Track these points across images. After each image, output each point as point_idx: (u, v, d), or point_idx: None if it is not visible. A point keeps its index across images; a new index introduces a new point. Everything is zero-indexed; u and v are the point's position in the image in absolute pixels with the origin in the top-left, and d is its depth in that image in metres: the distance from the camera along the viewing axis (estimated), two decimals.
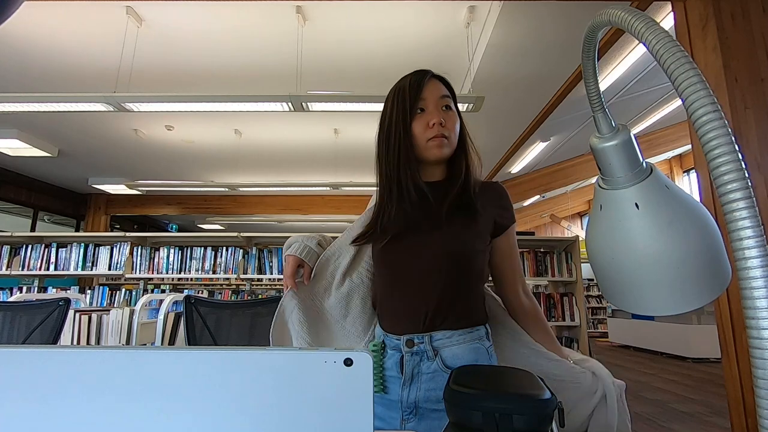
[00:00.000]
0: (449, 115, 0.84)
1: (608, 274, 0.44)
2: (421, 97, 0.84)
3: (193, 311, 1.63)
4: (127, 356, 0.27)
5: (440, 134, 0.82)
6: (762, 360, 0.25)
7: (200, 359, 0.28)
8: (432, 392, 0.76)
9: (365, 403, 0.27)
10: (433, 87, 0.85)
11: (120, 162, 6.36)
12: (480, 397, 0.46)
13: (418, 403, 0.77)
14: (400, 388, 0.78)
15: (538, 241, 3.48)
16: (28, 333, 1.69)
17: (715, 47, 2.11)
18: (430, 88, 0.84)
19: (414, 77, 0.86)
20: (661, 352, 7.02)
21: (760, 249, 0.25)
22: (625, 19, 0.32)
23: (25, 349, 0.28)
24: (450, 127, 0.84)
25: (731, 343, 1.99)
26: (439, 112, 0.83)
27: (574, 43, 3.10)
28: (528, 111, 4.34)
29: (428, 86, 0.84)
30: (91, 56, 3.57)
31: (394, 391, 0.79)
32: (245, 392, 0.27)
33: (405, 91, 0.84)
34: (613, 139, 0.41)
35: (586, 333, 3.16)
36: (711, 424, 3.42)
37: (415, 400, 0.77)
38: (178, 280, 5.51)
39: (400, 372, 0.79)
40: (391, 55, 3.61)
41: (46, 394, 0.26)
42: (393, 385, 0.79)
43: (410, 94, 0.84)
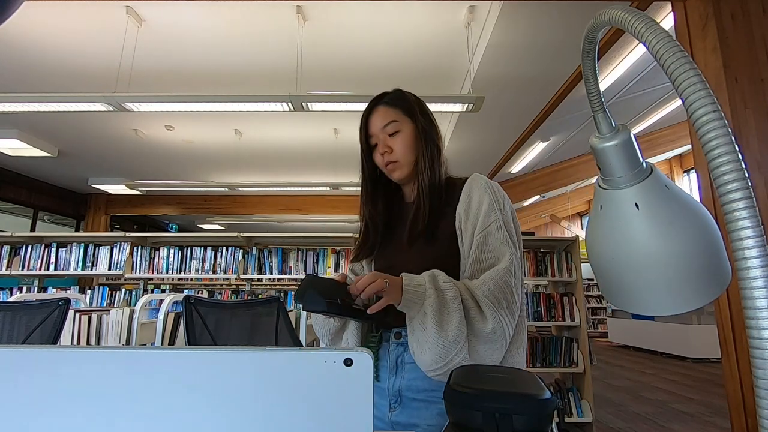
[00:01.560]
0: (395, 140, 0.90)
1: (608, 274, 0.44)
2: (370, 134, 0.92)
3: (193, 311, 1.63)
4: (127, 356, 0.27)
5: (388, 162, 0.90)
6: (762, 360, 0.25)
7: (200, 359, 0.28)
8: (413, 381, 0.80)
9: (365, 403, 0.27)
10: (377, 118, 0.91)
11: (120, 162, 6.36)
12: (480, 397, 0.46)
13: (401, 392, 0.81)
14: (387, 375, 0.84)
15: (538, 241, 3.48)
16: (28, 333, 1.69)
17: (715, 47, 2.11)
18: (374, 121, 0.91)
19: (363, 114, 0.93)
20: (661, 352, 7.02)
21: (760, 249, 0.25)
22: (625, 19, 0.32)
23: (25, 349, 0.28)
24: (398, 150, 0.89)
25: (731, 343, 1.99)
26: (385, 140, 0.90)
27: (574, 43, 3.10)
28: (528, 111, 4.34)
29: (373, 120, 0.91)
30: (91, 56, 3.57)
31: (384, 379, 0.85)
32: (245, 392, 0.27)
33: (360, 130, 0.93)
34: (613, 139, 0.41)
35: (586, 333, 3.16)
36: (711, 424, 3.42)
37: (399, 389, 0.82)
38: (178, 280, 5.51)
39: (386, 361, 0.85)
40: (391, 55, 3.61)
41: (46, 394, 0.26)
42: (384, 374, 0.85)
43: (361, 132, 0.93)
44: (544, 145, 6.24)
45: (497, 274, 0.76)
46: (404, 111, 0.91)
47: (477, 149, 5.38)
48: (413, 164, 0.90)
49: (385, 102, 0.93)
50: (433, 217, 0.86)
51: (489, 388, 0.47)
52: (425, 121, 0.92)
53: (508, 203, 0.86)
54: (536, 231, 11.88)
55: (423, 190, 0.88)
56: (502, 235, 0.80)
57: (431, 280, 0.75)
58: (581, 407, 3.08)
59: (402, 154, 0.89)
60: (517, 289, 0.78)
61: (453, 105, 3.33)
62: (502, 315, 0.74)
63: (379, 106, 0.92)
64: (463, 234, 0.84)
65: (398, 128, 0.90)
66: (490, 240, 0.80)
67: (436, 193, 0.88)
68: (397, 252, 0.91)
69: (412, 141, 0.90)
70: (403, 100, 0.93)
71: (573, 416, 3.02)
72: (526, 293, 3.25)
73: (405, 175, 0.91)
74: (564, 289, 3.45)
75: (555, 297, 3.22)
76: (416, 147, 0.90)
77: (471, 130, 4.78)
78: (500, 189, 0.88)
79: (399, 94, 0.95)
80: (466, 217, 0.84)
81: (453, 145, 5.20)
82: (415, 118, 0.91)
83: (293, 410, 0.27)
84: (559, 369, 3.13)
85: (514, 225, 0.85)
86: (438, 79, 4.02)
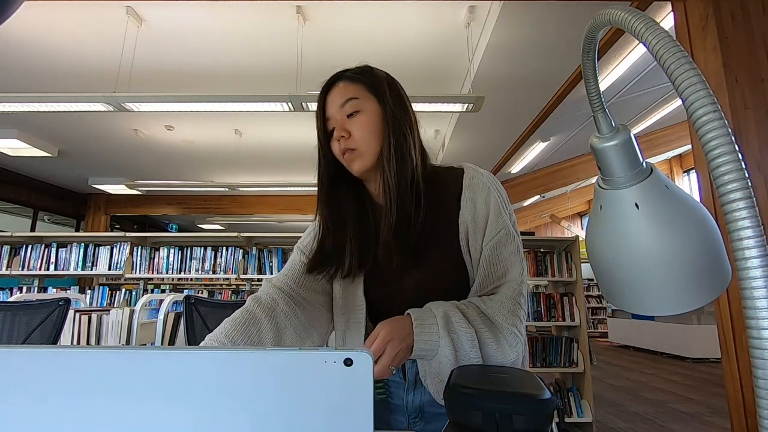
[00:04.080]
0: (353, 122, 0.73)
1: (608, 274, 0.44)
2: (327, 116, 0.76)
3: (193, 311, 1.63)
4: (127, 356, 0.27)
5: (345, 148, 0.74)
6: (762, 360, 0.25)
7: (200, 359, 0.28)
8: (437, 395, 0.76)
9: (365, 403, 0.27)
10: (335, 96, 0.75)
11: (120, 162, 6.36)
12: (480, 397, 0.46)
13: (423, 407, 0.77)
14: (404, 392, 0.78)
15: (538, 241, 3.48)
16: (28, 333, 1.69)
17: (715, 47, 2.11)
18: (332, 99, 0.75)
19: (320, 93, 0.77)
20: (661, 352, 7.02)
21: (760, 249, 0.25)
22: (625, 19, 0.32)
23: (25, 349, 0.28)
24: (356, 135, 0.73)
25: (731, 343, 1.99)
26: (342, 123, 0.74)
27: (574, 43, 3.10)
28: (528, 111, 4.34)
29: (330, 98, 0.75)
30: (91, 56, 3.57)
31: (398, 395, 0.79)
32: (245, 392, 0.27)
33: (317, 113, 0.77)
34: (613, 139, 0.41)
35: (586, 333, 3.16)
36: (711, 424, 3.42)
37: (420, 404, 0.77)
38: (178, 280, 5.51)
39: (402, 378, 0.79)
40: (392, 55, 3.61)
41: (46, 394, 0.26)
42: (397, 390, 0.79)
43: (318, 115, 0.77)
44: (544, 145, 6.24)
45: (513, 291, 0.70)
46: (368, 87, 0.75)
47: (477, 149, 5.37)
48: (377, 154, 0.74)
49: (346, 76, 0.76)
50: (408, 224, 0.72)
51: (489, 388, 0.47)
52: (396, 103, 0.76)
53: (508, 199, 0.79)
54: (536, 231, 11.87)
55: (389, 190, 0.72)
56: (512, 241, 0.73)
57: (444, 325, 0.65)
58: (581, 407, 3.08)
59: (361, 139, 0.73)
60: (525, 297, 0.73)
61: (453, 105, 3.33)
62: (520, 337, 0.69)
63: (340, 81, 0.76)
64: (472, 244, 0.74)
65: (358, 107, 0.73)
66: (500, 248, 0.72)
67: (409, 194, 0.73)
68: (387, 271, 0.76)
69: (376, 124, 0.73)
70: (370, 76, 0.77)
71: (573, 416, 3.02)
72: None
73: (366, 166, 0.74)
74: (564, 289, 3.45)
75: (555, 297, 3.22)
76: (381, 133, 0.74)
77: (471, 130, 4.78)
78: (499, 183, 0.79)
79: (366, 69, 0.78)
80: (474, 225, 0.74)
81: (453, 145, 5.20)
82: (383, 98, 0.75)
83: (293, 410, 0.27)
84: (559, 369, 3.13)
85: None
86: (438, 79, 4.02)
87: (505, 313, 0.68)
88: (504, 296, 0.70)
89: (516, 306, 0.69)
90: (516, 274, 0.71)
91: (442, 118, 4.94)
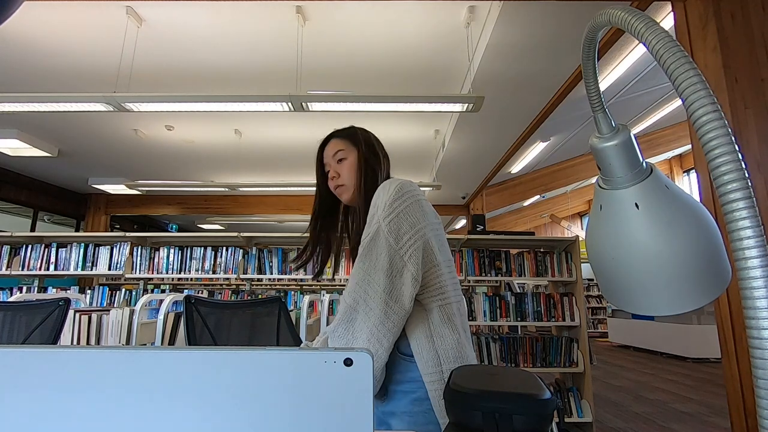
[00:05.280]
0: (341, 166, 1.03)
1: (608, 274, 0.44)
2: (324, 162, 1.07)
3: (193, 311, 1.63)
4: (127, 356, 0.27)
5: (336, 185, 1.03)
6: (762, 360, 0.25)
7: (200, 359, 0.28)
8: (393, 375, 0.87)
9: (365, 403, 0.27)
10: (329, 149, 1.05)
11: (120, 162, 6.36)
12: (480, 397, 0.46)
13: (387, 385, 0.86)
14: None
15: (538, 241, 3.48)
16: (28, 333, 1.69)
17: (715, 47, 2.11)
18: (327, 150, 1.06)
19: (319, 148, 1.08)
20: (661, 352, 7.02)
21: (760, 249, 0.25)
22: (625, 19, 0.32)
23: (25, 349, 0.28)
24: (344, 175, 1.02)
25: (731, 343, 1.99)
26: (334, 167, 1.03)
27: (574, 43, 3.10)
28: (528, 111, 4.34)
29: (326, 151, 1.06)
30: (91, 56, 3.57)
31: None
32: (245, 392, 0.27)
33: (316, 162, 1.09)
34: (613, 139, 0.41)
35: (586, 333, 3.16)
36: (711, 424, 3.42)
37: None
38: (178, 280, 5.50)
39: None
40: (391, 55, 3.61)
41: (46, 394, 0.26)
42: None
43: (317, 163, 1.08)
44: (544, 145, 6.24)
45: (339, 313, 0.86)
46: (350, 141, 1.05)
47: (477, 149, 5.37)
48: (357, 187, 1.01)
49: (336, 135, 1.08)
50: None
51: (489, 388, 0.47)
52: (368, 150, 1.04)
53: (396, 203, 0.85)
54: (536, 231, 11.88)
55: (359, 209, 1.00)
56: (364, 253, 0.85)
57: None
58: (581, 407, 3.08)
59: (347, 178, 1.02)
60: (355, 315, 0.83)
61: (453, 105, 3.33)
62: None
63: (332, 139, 1.07)
64: None
65: (344, 156, 1.03)
66: (363, 245, 0.87)
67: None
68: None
69: (356, 166, 1.02)
70: (351, 134, 1.07)
71: (573, 416, 3.02)
72: (525, 293, 3.25)
73: (350, 196, 1.02)
74: (564, 289, 3.45)
75: (555, 297, 3.22)
76: (358, 171, 1.01)
77: (471, 130, 4.78)
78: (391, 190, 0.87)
79: (350, 130, 1.09)
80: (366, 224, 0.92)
81: (453, 145, 5.20)
82: (359, 148, 1.04)
83: (293, 410, 0.27)
84: (559, 369, 3.13)
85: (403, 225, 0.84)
86: (438, 79, 4.02)
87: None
88: (334, 322, 0.87)
89: (339, 335, 0.84)
90: (347, 288, 0.86)
91: (442, 118, 4.94)
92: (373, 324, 0.79)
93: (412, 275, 0.82)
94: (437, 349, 0.81)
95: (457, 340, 0.83)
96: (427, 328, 0.83)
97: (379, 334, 0.78)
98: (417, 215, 0.86)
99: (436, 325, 0.84)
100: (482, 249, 3.40)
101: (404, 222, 0.85)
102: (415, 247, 0.84)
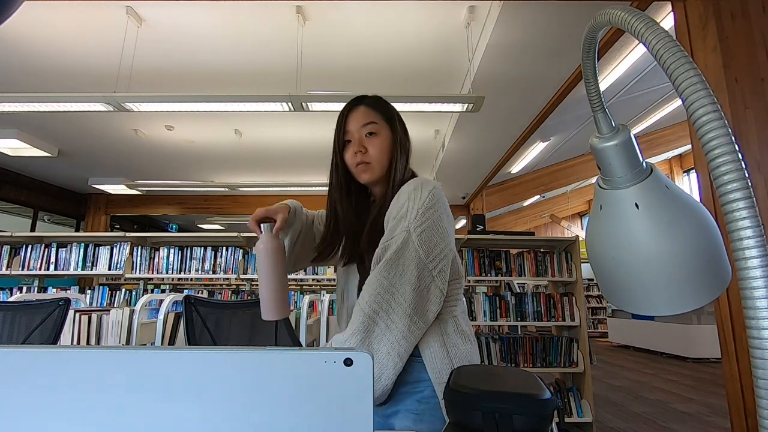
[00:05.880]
0: (371, 141, 0.91)
1: (608, 274, 0.44)
2: (346, 129, 0.92)
3: (193, 311, 1.63)
4: (127, 356, 0.27)
5: (361, 161, 0.90)
6: (762, 360, 0.25)
7: (200, 359, 0.28)
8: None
9: (365, 403, 0.27)
10: (357, 116, 0.92)
11: (120, 162, 6.36)
12: (480, 397, 0.46)
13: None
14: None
15: (538, 241, 3.48)
16: (28, 333, 1.68)
17: (715, 47, 2.11)
18: (354, 118, 0.92)
19: (342, 111, 0.94)
20: (661, 352, 7.02)
21: (760, 249, 0.25)
22: (625, 19, 0.32)
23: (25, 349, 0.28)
24: (373, 152, 0.90)
25: (731, 343, 1.99)
26: (360, 140, 0.91)
27: (574, 43, 3.10)
28: (528, 111, 4.34)
29: (352, 117, 0.92)
30: (91, 56, 3.57)
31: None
32: (245, 392, 0.27)
33: (336, 126, 0.94)
34: (613, 139, 0.41)
35: (586, 333, 3.16)
36: (711, 424, 3.42)
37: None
38: (178, 280, 5.51)
39: None
40: (391, 55, 3.61)
41: (46, 394, 0.26)
42: None
43: (337, 128, 0.93)
44: (544, 145, 6.24)
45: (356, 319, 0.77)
46: (384, 116, 0.93)
47: (477, 149, 5.37)
48: (385, 169, 0.91)
49: (366, 103, 0.94)
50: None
51: (489, 388, 0.47)
52: (402, 132, 0.95)
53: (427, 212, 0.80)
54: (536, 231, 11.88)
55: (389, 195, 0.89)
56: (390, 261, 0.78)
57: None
58: (581, 407, 3.08)
59: (376, 156, 0.90)
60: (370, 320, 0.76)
61: (453, 105, 3.33)
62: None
63: (361, 105, 0.93)
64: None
65: (376, 130, 0.91)
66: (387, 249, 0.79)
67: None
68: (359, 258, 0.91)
69: (388, 147, 0.91)
70: (385, 107, 0.95)
71: (573, 416, 3.02)
72: (525, 293, 3.25)
73: (375, 178, 0.91)
74: (564, 289, 3.45)
75: (555, 297, 3.22)
76: (389, 154, 0.92)
77: (471, 130, 4.78)
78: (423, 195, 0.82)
79: (381, 100, 0.97)
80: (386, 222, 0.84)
81: (453, 145, 5.20)
82: (394, 127, 0.94)
83: (293, 410, 0.27)
84: (559, 369, 3.13)
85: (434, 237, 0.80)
86: (438, 79, 4.02)
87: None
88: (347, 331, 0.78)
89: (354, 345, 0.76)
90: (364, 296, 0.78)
91: (442, 118, 4.94)
92: (395, 338, 0.75)
93: (440, 291, 0.78)
94: (451, 357, 0.81)
95: (469, 351, 0.83)
96: (440, 336, 0.82)
97: (400, 348, 0.75)
98: (447, 227, 0.82)
99: (450, 334, 0.82)
100: (482, 249, 3.40)
101: (435, 234, 0.80)
102: (445, 262, 0.80)
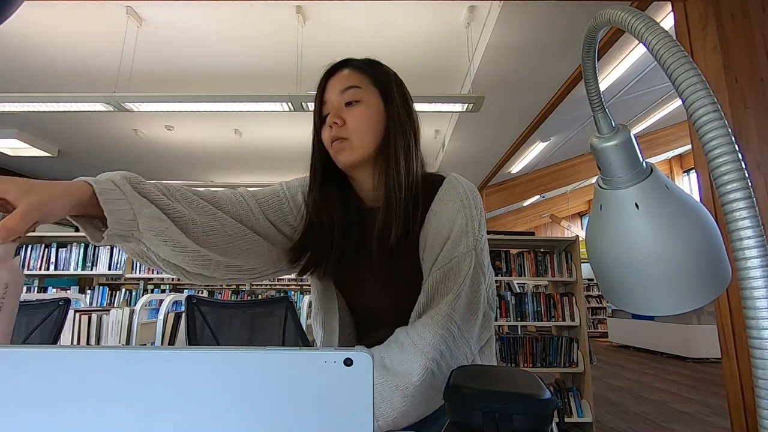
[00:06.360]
0: (350, 111, 0.68)
1: (608, 274, 0.44)
2: (324, 99, 0.72)
3: (195, 311, 1.63)
4: (127, 356, 0.27)
5: (336, 136, 0.68)
6: (762, 360, 0.25)
7: (200, 359, 0.28)
8: None
9: (365, 403, 0.27)
10: (336, 82, 0.71)
11: (120, 162, 6.36)
12: (480, 397, 0.46)
13: None
14: None
15: (538, 241, 3.48)
16: (28, 333, 1.68)
17: (715, 47, 2.11)
18: (333, 84, 0.71)
19: (323, 77, 0.74)
20: (661, 352, 7.02)
21: (760, 249, 0.25)
22: (625, 19, 0.32)
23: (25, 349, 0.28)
24: (351, 125, 0.68)
25: (731, 343, 1.99)
26: (338, 110, 0.69)
27: (574, 43, 3.10)
28: (528, 111, 4.34)
29: (331, 84, 0.72)
30: (91, 56, 3.57)
31: None
32: (245, 392, 0.27)
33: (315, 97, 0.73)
34: (613, 139, 0.41)
35: (586, 333, 3.16)
36: (711, 424, 3.42)
37: None
38: (178, 280, 5.50)
39: None
40: (391, 55, 3.61)
41: (46, 395, 0.26)
42: None
43: (316, 100, 0.73)
44: (544, 145, 6.24)
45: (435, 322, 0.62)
46: (373, 80, 0.72)
47: (477, 149, 5.37)
48: (369, 149, 0.69)
49: (352, 64, 0.74)
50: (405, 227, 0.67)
51: (489, 388, 0.47)
52: (402, 102, 0.72)
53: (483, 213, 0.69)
54: (536, 231, 11.87)
55: (395, 193, 0.67)
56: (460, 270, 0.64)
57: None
58: (581, 407, 3.08)
59: (356, 131, 0.67)
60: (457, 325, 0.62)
61: (453, 105, 3.33)
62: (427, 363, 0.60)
63: (345, 68, 0.73)
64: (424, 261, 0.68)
65: (359, 97, 0.69)
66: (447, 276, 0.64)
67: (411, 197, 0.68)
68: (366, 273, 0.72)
69: (375, 119, 0.69)
70: (377, 69, 0.74)
71: (573, 416, 3.02)
72: (525, 293, 3.25)
73: (354, 160, 0.68)
74: (564, 289, 3.45)
75: (555, 297, 3.22)
76: (378, 129, 0.69)
77: (471, 130, 4.78)
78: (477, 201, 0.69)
79: (374, 61, 0.76)
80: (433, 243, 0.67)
81: (453, 145, 5.20)
82: (387, 94, 0.71)
83: (293, 410, 0.27)
84: (559, 369, 3.13)
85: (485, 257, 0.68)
86: (438, 79, 4.02)
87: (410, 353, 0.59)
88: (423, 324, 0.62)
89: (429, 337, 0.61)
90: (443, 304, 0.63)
91: (442, 118, 4.94)
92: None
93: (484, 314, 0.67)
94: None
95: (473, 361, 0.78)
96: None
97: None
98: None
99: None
100: None
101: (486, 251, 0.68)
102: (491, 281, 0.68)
